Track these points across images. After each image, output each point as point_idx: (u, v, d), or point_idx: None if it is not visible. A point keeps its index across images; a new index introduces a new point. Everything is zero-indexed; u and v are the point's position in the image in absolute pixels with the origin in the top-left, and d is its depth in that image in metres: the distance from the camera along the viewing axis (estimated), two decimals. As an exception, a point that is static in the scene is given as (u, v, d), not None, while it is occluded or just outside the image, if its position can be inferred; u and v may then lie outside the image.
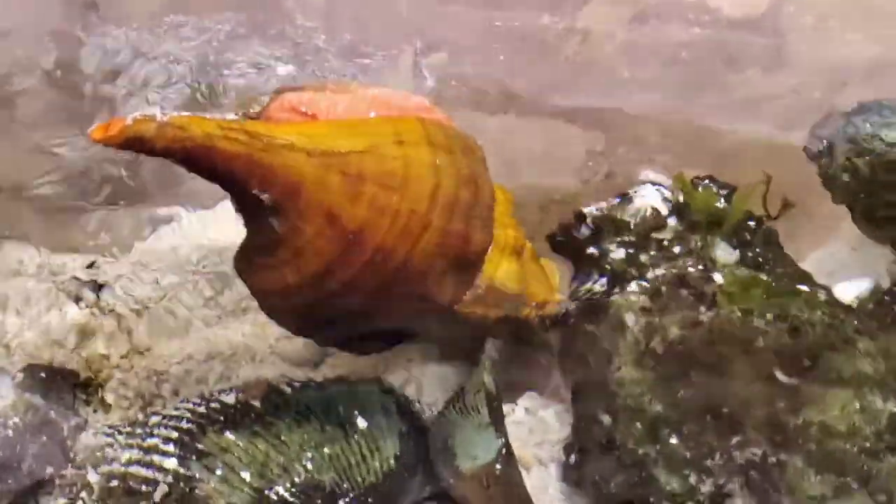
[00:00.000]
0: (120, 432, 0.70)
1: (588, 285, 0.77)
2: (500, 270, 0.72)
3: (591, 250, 0.79)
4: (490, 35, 0.92)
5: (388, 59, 0.91)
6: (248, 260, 0.68)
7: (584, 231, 0.81)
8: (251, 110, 0.72)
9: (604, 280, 0.77)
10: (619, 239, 0.78)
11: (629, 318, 0.72)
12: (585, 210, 0.81)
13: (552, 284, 0.79)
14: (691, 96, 0.92)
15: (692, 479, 0.66)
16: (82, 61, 0.89)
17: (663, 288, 0.73)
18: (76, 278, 0.80)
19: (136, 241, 0.84)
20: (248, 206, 0.66)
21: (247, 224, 0.67)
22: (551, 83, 0.91)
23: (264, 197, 0.63)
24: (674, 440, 0.67)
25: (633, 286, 0.74)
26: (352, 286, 0.65)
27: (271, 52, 0.90)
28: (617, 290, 0.75)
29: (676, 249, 0.77)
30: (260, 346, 0.77)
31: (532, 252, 0.77)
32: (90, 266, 0.81)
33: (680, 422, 0.67)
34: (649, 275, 0.75)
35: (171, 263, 0.80)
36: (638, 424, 0.68)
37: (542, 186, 0.89)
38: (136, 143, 0.60)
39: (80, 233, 0.86)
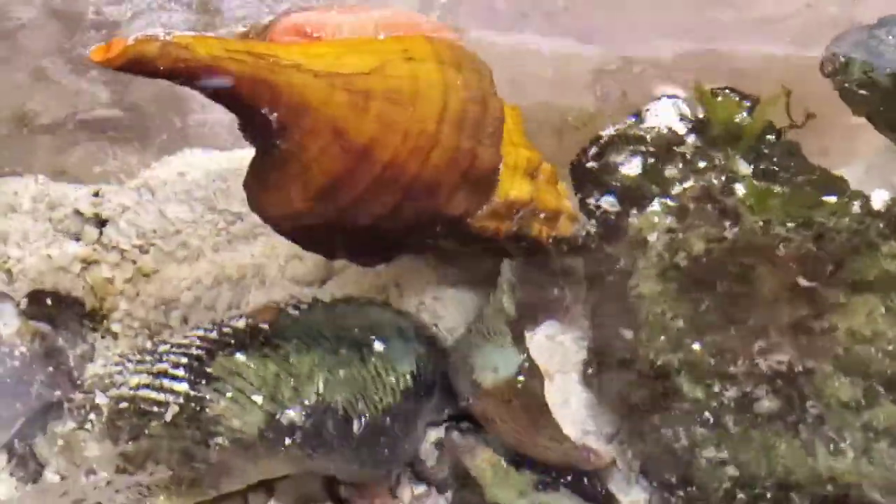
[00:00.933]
0: (130, 360, 0.69)
1: (594, 201, 0.75)
2: (513, 190, 0.71)
3: (592, 164, 0.77)
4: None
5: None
6: (256, 180, 0.66)
7: (594, 151, 0.79)
8: (261, 27, 0.70)
9: (612, 198, 0.75)
10: (631, 148, 0.76)
11: (652, 237, 0.70)
12: (602, 133, 0.79)
13: (567, 203, 0.77)
14: (706, 14, 0.90)
15: (716, 388, 0.65)
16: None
17: (690, 205, 0.71)
18: (78, 212, 0.78)
19: (142, 168, 0.81)
20: (254, 127, 0.64)
21: (254, 145, 0.66)
22: (563, 2, 0.89)
23: (272, 117, 0.62)
24: (696, 347, 0.65)
25: (655, 205, 0.72)
26: (361, 201, 0.64)
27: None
28: (635, 210, 0.73)
29: (701, 164, 0.75)
30: (269, 266, 0.75)
31: (551, 174, 0.75)
32: (96, 195, 0.79)
33: (702, 331, 0.66)
34: (674, 190, 0.72)
35: (178, 192, 0.78)
36: (661, 337, 0.66)
37: (557, 108, 0.87)
38: (138, 65, 0.58)
39: (83, 162, 0.84)
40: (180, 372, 0.65)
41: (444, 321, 0.74)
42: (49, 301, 0.71)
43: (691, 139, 0.78)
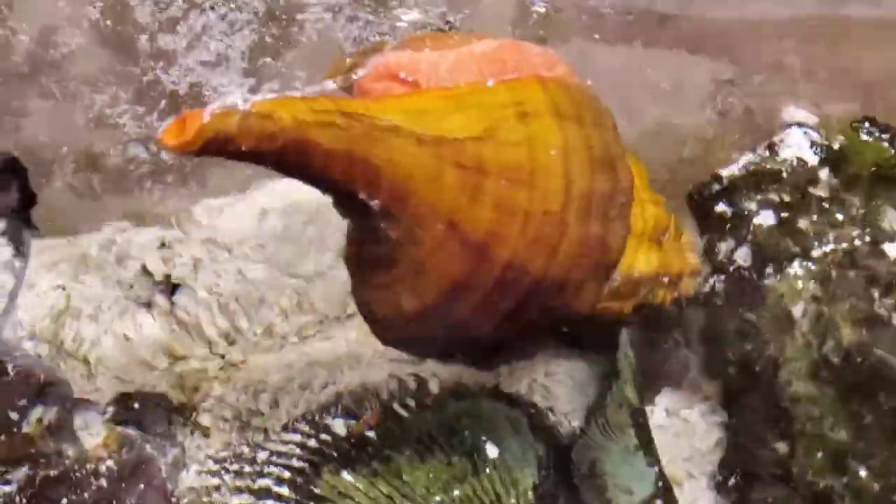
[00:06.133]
0: (227, 470, 0.63)
1: (725, 249, 0.67)
2: (638, 261, 0.62)
3: (722, 208, 0.68)
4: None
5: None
6: (356, 269, 0.58)
7: (716, 187, 0.70)
8: (350, 76, 0.60)
9: (745, 250, 0.67)
10: (760, 198, 0.67)
11: (797, 310, 0.62)
12: (723, 172, 0.70)
13: (691, 260, 0.69)
14: (834, 8, 0.79)
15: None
16: (134, 11, 0.77)
17: (833, 271, 0.63)
18: (147, 271, 0.70)
19: (210, 219, 0.73)
20: (352, 210, 0.54)
21: (355, 228, 0.56)
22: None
23: (372, 203, 0.52)
24: (863, 473, 0.58)
25: (795, 267, 0.64)
26: (481, 311, 0.55)
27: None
28: (770, 269, 0.65)
29: (839, 216, 0.66)
30: (365, 351, 0.68)
31: (676, 227, 0.66)
32: (162, 245, 0.71)
33: (868, 452, 0.58)
34: (815, 252, 0.64)
35: (253, 249, 0.70)
36: (819, 454, 0.59)
37: (670, 132, 0.77)
38: (217, 146, 0.48)
39: (146, 209, 0.76)
40: (285, 491, 0.60)
41: (559, 402, 0.67)
42: (136, 405, 0.64)
43: (825, 175, 0.69)
